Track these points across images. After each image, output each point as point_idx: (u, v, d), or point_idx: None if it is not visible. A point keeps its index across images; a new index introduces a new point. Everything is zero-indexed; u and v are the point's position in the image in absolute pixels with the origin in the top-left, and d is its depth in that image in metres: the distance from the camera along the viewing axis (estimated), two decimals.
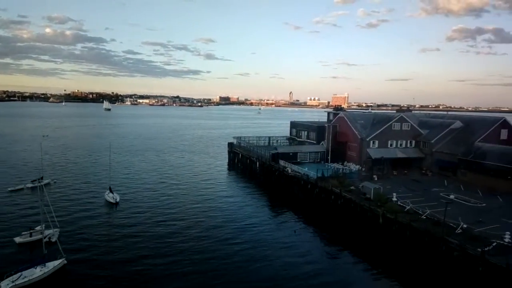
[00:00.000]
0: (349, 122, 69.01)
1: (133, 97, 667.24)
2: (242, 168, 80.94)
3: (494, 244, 30.53)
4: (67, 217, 44.60)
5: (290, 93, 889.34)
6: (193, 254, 35.44)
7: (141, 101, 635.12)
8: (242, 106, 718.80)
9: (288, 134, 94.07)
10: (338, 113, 74.57)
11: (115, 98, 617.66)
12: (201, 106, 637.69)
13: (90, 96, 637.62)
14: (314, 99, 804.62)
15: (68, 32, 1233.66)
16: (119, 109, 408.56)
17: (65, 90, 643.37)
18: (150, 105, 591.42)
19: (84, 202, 51.86)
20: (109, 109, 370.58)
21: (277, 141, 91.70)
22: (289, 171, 60.63)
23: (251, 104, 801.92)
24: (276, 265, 33.93)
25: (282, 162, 64.78)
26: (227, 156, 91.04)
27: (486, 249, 29.14)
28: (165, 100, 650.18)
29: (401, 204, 41.89)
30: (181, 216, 46.64)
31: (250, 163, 76.75)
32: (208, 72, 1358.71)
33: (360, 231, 41.78)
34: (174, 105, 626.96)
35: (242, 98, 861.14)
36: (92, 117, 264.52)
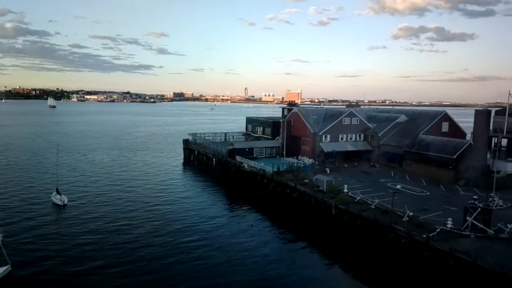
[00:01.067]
0: (302, 118, 70.59)
1: (80, 93, 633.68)
2: (198, 165, 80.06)
3: (438, 230, 32.72)
4: (11, 220, 41.67)
5: (245, 89, 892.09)
6: (148, 259, 34.03)
7: (88, 97, 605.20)
8: (197, 102, 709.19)
9: (244, 130, 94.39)
10: (292, 109, 76.00)
11: (60, 95, 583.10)
12: (154, 102, 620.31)
13: (33, 92, 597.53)
14: (269, 95, 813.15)
15: (8, 25, 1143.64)
16: (65, 106, 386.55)
17: (5, 87, 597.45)
18: (99, 101, 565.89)
19: (29, 204, 48.60)
20: (54, 106, 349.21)
21: (233, 137, 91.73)
22: (246, 166, 60.93)
23: (206, 100, 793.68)
24: (233, 258, 34.09)
25: (238, 158, 64.93)
26: (182, 153, 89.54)
27: (430, 235, 31.18)
28: (114, 96, 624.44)
29: (352, 195, 43.70)
30: (135, 218, 45.08)
31: (206, 159, 76.10)
32: (161, 67, 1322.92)
33: (315, 222, 43.09)
34: (125, 101, 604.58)
35: (197, 94, 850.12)
36: (36, 114, 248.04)
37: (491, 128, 79.40)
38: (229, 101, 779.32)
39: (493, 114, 77.17)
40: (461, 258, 27.56)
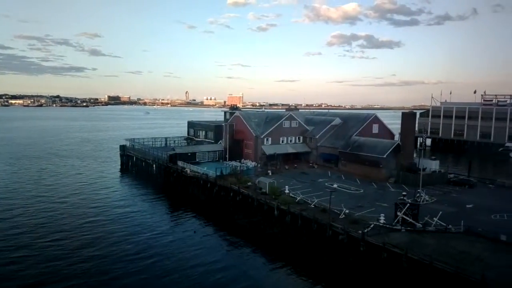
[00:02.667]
0: (244, 121, 71.20)
1: (4, 97, 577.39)
2: (137, 172, 76.96)
3: (372, 225, 34.85)
4: None
5: (186, 93, 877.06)
6: (85, 276, 31.95)
7: (13, 101, 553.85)
8: (134, 106, 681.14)
9: (186, 134, 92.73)
10: (234, 113, 76.36)
11: None
12: (86, 106, 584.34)
13: None
14: (210, 99, 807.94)
15: None
16: None
17: None
18: (25, 106, 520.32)
19: None
20: None
21: (174, 141, 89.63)
22: (188, 171, 59.88)
23: (145, 104, 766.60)
24: (176, 268, 33.25)
25: (180, 163, 63.61)
26: (119, 159, 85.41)
27: (365, 230, 33.10)
28: (42, 101, 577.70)
29: (293, 196, 44.98)
30: (68, 231, 41.90)
31: (146, 166, 73.44)
32: (94, 69, 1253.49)
33: (258, 224, 43.58)
34: (54, 105, 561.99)
35: (134, 98, 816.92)
36: None
37: (416, 129, 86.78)
38: (169, 105, 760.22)
39: (418, 116, 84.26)
40: (394, 251, 29.61)
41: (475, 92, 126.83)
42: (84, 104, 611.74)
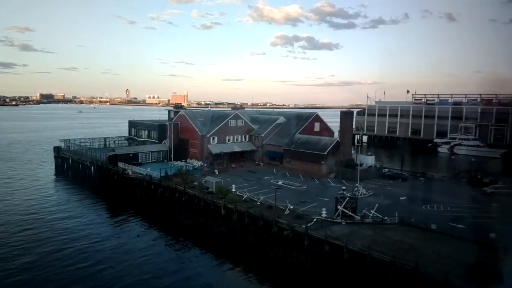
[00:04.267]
0: (190, 120, 70.12)
1: None
2: (73, 175, 72.36)
3: (315, 219, 36.21)
4: None
5: (127, 91, 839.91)
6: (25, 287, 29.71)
7: None
8: (70, 105, 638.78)
9: (127, 134, 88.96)
10: (179, 111, 74.87)
11: None
12: (16, 105, 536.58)
13: None
14: (153, 97, 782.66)
15: None
16: None
17: None
18: None
19: None
20: None
21: (114, 142, 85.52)
22: (130, 173, 57.58)
23: (81, 102, 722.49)
24: (120, 276, 31.86)
25: (121, 164, 60.95)
26: (53, 162, 79.65)
27: (309, 225, 34.33)
28: None
29: (240, 194, 45.28)
30: (2, 244, 38.53)
31: (83, 168, 69.37)
32: (25, 65, 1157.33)
33: (205, 224, 43.20)
34: None
35: (69, 96, 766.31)
36: None
37: (354, 126, 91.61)
38: (108, 103, 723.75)
39: (355, 114, 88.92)
40: (335, 244, 31.02)
41: (408, 91, 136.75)
42: (14, 103, 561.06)
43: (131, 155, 65.59)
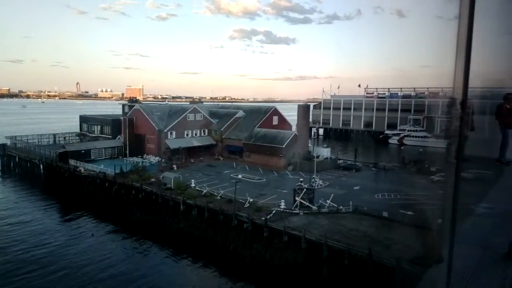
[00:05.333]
0: (146, 115, 68.27)
1: None
2: (21, 174, 68.08)
3: (274, 211, 36.90)
4: None
5: (77, 84, 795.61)
6: None
7: None
8: (15, 99, 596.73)
9: (78, 130, 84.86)
10: (134, 106, 72.62)
11: None
12: None
13: None
14: (106, 91, 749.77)
15: None
16: None
17: None
18: None
19: None
20: None
21: (64, 138, 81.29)
22: (82, 170, 55.16)
23: (28, 96, 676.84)
24: (74, 278, 30.65)
25: (73, 162, 58.21)
26: None
27: (268, 217, 34.94)
28: None
29: (199, 189, 45.02)
30: None
31: (31, 166, 65.47)
32: None
33: (164, 221, 42.54)
34: None
35: (15, 90, 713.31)
36: None
37: (311, 119, 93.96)
38: (57, 98, 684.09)
39: (312, 108, 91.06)
40: (293, 234, 31.89)
41: (359, 86, 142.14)
42: None
43: (83, 151, 62.79)
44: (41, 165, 62.61)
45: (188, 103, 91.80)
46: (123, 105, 78.84)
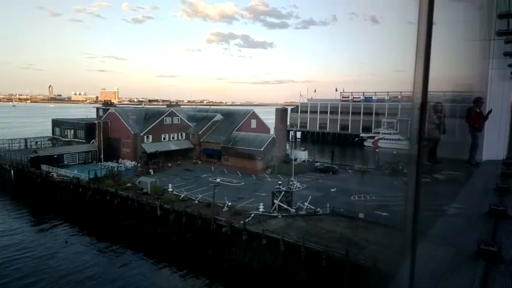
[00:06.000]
0: (121, 118, 66.97)
1: None
2: None
3: (252, 215, 36.91)
4: None
5: (49, 87, 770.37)
6: None
7: None
8: None
9: (50, 134, 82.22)
10: (109, 109, 71.11)
11: None
12: None
13: None
14: (80, 94, 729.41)
15: None
16: None
17: None
18: None
19: None
20: None
21: (36, 142, 78.53)
22: (55, 176, 53.49)
23: None
24: (52, 285, 29.61)
25: (45, 167, 56.35)
26: None
27: (247, 220, 34.93)
28: None
29: (177, 193, 44.49)
30: None
31: (2, 172, 62.86)
32: None
33: (140, 226, 41.75)
34: None
35: None
36: None
37: (288, 123, 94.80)
38: (29, 101, 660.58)
39: (289, 111, 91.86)
40: (272, 237, 31.99)
41: (336, 90, 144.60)
42: None
43: (55, 156, 60.90)
44: (12, 171, 60.24)
45: (165, 106, 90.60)
46: (98, 109, 77.14)
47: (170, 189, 45.77)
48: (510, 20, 6.13)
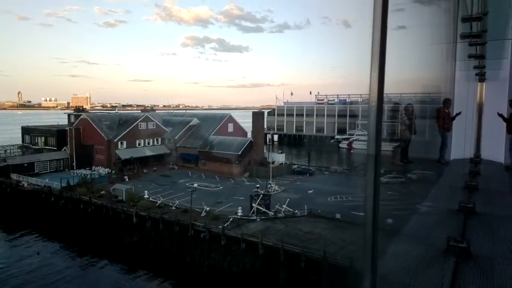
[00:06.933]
0: (94, 124, 65.32)
1: None
2: None
3: (231, 219, 36.77)
4: None
5: (19, 93, 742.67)
6: None
7: None
8: None
9: (20, 142, 79.14)
10: (81, 115, 69.23)
11: None
12: None
13: None
14: (50, 100, 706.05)
15: None
16: None
17: None
18: None
19: None
20: None
21: (5, 151, 75.19)
22: (25, 185, 51.48)
23: None
24: None
25: (15, 176, 54.20)
26: None
27: (225, 225, 34.75)
28: None
29: (153, 200, 43.74)
30: None
31: None
32: None
33: (116, 235, 40.67)
34: None
35: None
36: None
37: (265, 126, 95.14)
38: None
39: (266, 115, 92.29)
40: (251, 240, 31.94)
41: (310, 93, 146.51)
42: None
43: (25, 165, 58.69)
44: None
45: (140, 111, 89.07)
46: (69, 115, 75.01)
47: (146, 196, 44.94)
48: (473, 24, 6.39)
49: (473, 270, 3.82)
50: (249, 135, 72.40)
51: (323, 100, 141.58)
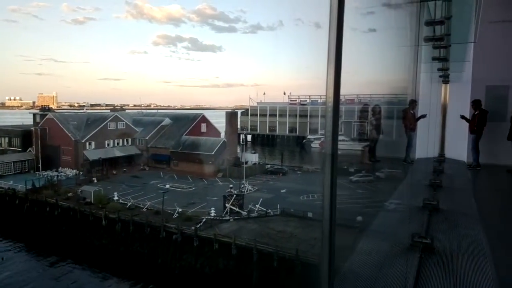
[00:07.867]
0: (60, 124, 63.02)
1: None
2: None
3: (204, 220, 36.48)
4: None
5: None
6: None
7: None
8: None
9: None
10: (47, 115, 66.61)
11: None
12: None
13: None
14: (15, 99, 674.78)
15: None
16: None
17: None
18: None
19: None
20: None
21: None
22: None
23: None
24: None
25: None
26: None
27: (198, 226, 34.43)
28: None
29: (123, 202, 42.73)
30: None
31: None
32: None
33: (84, 238, 39.39)
34: None
35: None
36: None
37: (239, 126, 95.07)
38: None
39: (240, 115, 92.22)
40: (224, 241, 31.82)
41: (284, 93, 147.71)
42: None
43: None
44: None
45: (109, 111, 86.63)
46: (34, 115, 72.00)
47: (115, 198, 43.85)
48: (436, 27, 6.64)
49: (436, 264, 3.96)
50: (223, 135, 72.10)
51: (296, 100, 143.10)
